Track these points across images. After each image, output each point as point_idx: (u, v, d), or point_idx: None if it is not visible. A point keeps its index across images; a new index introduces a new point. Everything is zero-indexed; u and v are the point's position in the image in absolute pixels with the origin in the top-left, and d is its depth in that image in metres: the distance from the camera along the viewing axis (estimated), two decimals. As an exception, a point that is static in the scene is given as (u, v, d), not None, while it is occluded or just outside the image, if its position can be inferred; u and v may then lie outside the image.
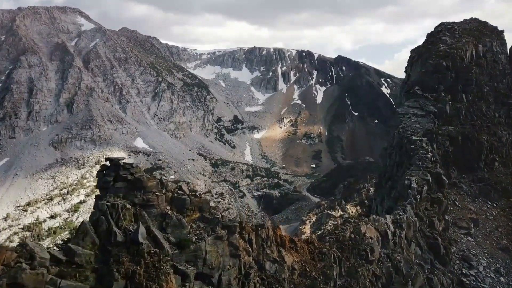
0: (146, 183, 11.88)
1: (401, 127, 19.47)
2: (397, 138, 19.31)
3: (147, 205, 11.66)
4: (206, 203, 13.31)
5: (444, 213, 19.77)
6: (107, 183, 11.72)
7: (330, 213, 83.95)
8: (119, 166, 12.00)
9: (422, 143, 18.03)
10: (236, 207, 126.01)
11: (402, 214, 13.93)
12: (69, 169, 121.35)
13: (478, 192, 25.42)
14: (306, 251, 13.86)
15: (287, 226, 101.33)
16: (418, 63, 27.01)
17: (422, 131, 19.71)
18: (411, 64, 28.55)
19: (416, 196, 15.17)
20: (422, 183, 15.98)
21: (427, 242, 17.28)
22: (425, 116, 21.35)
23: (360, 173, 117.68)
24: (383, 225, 13.34)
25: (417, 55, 27.89)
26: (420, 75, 24.41)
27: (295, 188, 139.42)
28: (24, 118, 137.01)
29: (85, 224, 10.11)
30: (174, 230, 11.61)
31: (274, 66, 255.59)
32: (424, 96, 22.77)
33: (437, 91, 23.31)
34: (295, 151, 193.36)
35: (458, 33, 29.16)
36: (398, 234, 15.02)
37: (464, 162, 25.49)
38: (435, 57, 24.43)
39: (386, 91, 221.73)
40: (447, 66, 23.43)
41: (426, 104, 22.10)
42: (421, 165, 16.90)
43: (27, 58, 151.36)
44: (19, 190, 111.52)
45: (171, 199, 12.78)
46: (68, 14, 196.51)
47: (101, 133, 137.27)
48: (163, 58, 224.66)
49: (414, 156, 16.99)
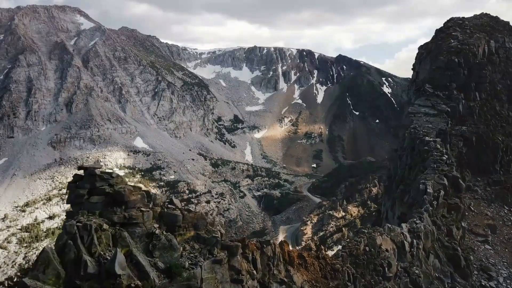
0: (128, 197, 9.62)
1: (412, 127, 18.14)
2: (408, 139, 18.04)
3: (129, 224, 9.53)
4: (202, 219, 11.38)
5: (461, 220, 18.40)
6: (80, 197, 9.56)
7: (331, 214, 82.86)
8: (95, 176, 9.79)
9: (436, 144, 16.68)
10: (237, 207, 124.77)
11: (419, 223, 12.55)
12: (68, 169, 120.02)
13: (494, 196, 23.99)
14: (316, 268, 12.39)
15: (288, 227, 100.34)
16: (427, 60, 25.64)
17: (435, 131, 18.37)
18: (420, 61, 27.20)
19: (433, 202, 13.77)
20: (438, 187, 14.59)
21: (446, 253, 15.84)
22: (437, 116, 20.01)
23: (362, 173, 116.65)
24: (399, 235, 11.84)
25: (426, 52, 26.55)
26: (430, 72, 23.10)
27: (295, 188, 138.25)
28: (22, 118, 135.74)
29: (46, 252, 7.84)
30: (163, 254, 9.46)
31: (275, 65, 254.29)
32: (435, 94, 21.41)
33: (449, 89, 21.98)
34: (296, 150, 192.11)
35: (469, 29, 27.75)
36: (416, 245, 13.62)
37: (478, 164, 24.10)
38: (446, 53, 23.04)
39: (387, 90, 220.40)
40: (459, 63, 22.07)
41: (438, 102, 20.73)
42: (436, 168, 15.48)
43: (26, 57, 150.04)
44: (17, 190, 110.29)
45: (159, 215, 10.49)
46: (67, 13, 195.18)
47: (101, 132, 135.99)
48: (163, 57, 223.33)
49: (428, 158, 15.65)
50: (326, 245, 59.10)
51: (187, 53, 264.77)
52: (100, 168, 10.43)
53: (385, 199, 20.38)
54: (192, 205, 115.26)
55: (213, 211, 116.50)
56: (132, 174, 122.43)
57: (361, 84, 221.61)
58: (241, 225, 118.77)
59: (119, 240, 8.94)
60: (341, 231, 62.27)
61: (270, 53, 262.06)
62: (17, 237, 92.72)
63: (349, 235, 57.05)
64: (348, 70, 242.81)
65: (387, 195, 20.53)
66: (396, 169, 20.01)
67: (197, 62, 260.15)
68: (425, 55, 26.45)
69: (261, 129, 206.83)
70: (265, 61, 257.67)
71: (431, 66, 24.21)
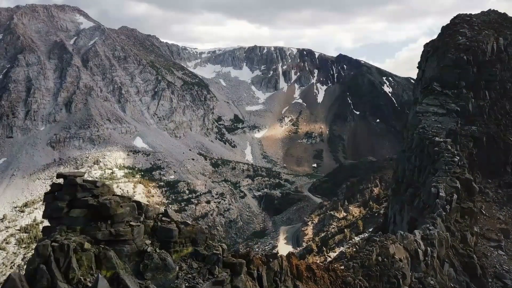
0: (115, 209, 8.08)
1: (421, 127, 17.28)
2: (417, 140, 17.18)
3: (116, 241, 8.01)
4: (201, 233, 9.82)
5: (474, 225, 17.56)
6: (59, 210, 8.07)
7: (332, 214, 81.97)
8: (76, 186, 8.39)
9: (447, 145, 15.82)
10: (237, 207, 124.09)
11: (432, 229, 11.72)
12: (67, 169, 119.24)
13: (506, 199, 23.10)
14: (327, 281, 11.50)
15: (288, 227, 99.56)
16: (434, 58, 24.77)
17: (445, 131, 17.51)
18: (426, 59, 26.33)
19: (446, 207, 12.92)
20: (450, 191, 13.75)
21: (461, 261, 14.92)
22: (447, 115, 19.18)
23: (363, 173, 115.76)
24: (412, 243, 10.94)
25: (433, 49, 25.69)
26: (438, 70, 22.26)
27: (296, 188, 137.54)
28: (22, 118, 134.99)
29: (13, 280, 6.30)
30: (156, 275, 8.02)
31: (275, 64, 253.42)
32: (444, 93, 20.58)
33: (457, 87, 21.14)
34: (296, 150, 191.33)
35: (477, 25, 26.88)
36: (430, 253, 12.71)
37: (489, 165, 23.31)
38: (454, 50, 22.20)
39: (388, 90, 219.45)
40: (468, 60, 21.23)
41: (446, 101, 19.91)
42: (447, 170, 14.59)
43: (25, 56, 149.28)
44: (16, 191, 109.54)
45: (152, 229, 9.02)
46: (66, 12, 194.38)
47: (100, 132, 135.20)
48: (163, 57, 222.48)
49: (439, 160, 14.78)
50: (327, 246, 58.30)
51: (187, 52, 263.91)
52: (83, 175, 9.02)
53: (392, 202, 19.53)
54: (192, 205, 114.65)
55: (213, 211, 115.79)
56: (132, 174, 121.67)
57: (361, 84, 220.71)
58: (241, 226, 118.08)
59: (104, 261, 7.54)
60: (343, 232, 61.42)
61: (270, 52, 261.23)
62: (16, 238, 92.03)
63: (352, 236, 56.20)
64: (348, 70, 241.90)
65: (395, 199, 19.70)
66: (403, 171, 19.18)
67: (197, 61, 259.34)
68: (431, 53, 25.60)
69: (261, 129, 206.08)
70: (265, 60, 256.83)
71: (438, 64, 23.34)
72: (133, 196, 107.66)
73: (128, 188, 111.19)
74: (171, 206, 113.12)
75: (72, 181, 8.75)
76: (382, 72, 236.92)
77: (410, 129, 21.12)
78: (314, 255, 54.96)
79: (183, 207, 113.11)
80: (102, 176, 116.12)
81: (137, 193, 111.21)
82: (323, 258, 51.33)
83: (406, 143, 20.36)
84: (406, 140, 25.77)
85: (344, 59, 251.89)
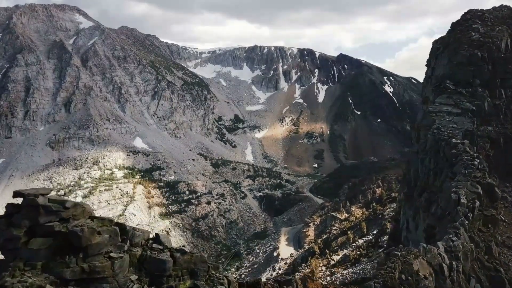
0: (89, 238, 6.02)
1: (435, 128, 16.21)
2: (431, 141, 16.11)
3: (91, 280, 5.96)
4: (202, 262, 7.67)
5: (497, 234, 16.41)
6: (15, 240, 5.89)
7: (334, 215, 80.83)
8: (38, 208, 6.09)
9: (465, 146, 14.74)
10: (238, 208, 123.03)
11: (456, 240, 10.56)
12: (66, 169, 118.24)
13: (525, 204, 22.14)
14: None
15: (290, 228, 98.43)
16: (444, 55, 23.67)
17: (461, 132, 16.45)
18: (436, 56, 25.23)
19: (468, 215, 11.81)
20: (471, 197, 12.62)
21: (487, 276, 13.62)
22: (462, 115, 18.12)
23: (364, 173, 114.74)
24: (436, 257, 9.70)
25: (443, 46, 24.60)
26: (450, 68, 21.17)
27: (297, 189, 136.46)
28: (20, 118, 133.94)
29: None
30: None
31: (275, 64, 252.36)
32: (457, 91, 19.50)
33: (472, 85, 20.07)
34: (297, 150, 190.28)
35: (490, 21, 25.81)
36: (455, 267, 11.46)
37: (507, 167, 22.22)
38: (467, 47, 21.14)
39: (389, 89, 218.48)
40: (482, 57, 20.16)
41: (461, 100, 18.84)
42: (467, 174, 13.45)
43: (24, 56, 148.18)
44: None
45: (140, 260, 6.90)
46: (66, 12, 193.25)
47: (100, 132, 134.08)
48: (163, 57, 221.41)
49: (457, 163, 13.69)
50: (330, 248, 57.21)
51: (187, 52, 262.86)
52: (48, 193, 6.72)
53: (405, 208, 18.45)
54: (193, 206, 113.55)
55: (214, 212, 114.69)
56: (132, 174, 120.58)
57: (362, 83, 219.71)
58: (242, 227, 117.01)
59: (72, 311, 5.48)
60: (346, 234, 60.30)
61: (271, 52, 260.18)
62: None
63: (355, 238, 55.08)
64: (349, 69, 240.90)
65: (408, 204, 18.60)
66: (416, 173, 18.09)
67: (197, 61, 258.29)
68: (442, 50, 24.52)
69: (262, 129, 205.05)
70: (265, 60, 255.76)
71: (449, 61, 22.25)
72: (131, 198, 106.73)
73: (127, 189, 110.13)
74: (171, 207, 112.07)
75: (32, 201, 6.18)
76: (383, 72, 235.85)
77: (423, 129, 20.00)
78: (317, 258, 53.86)
79: (183, 208, 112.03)
80: (102, 176, 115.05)
81: (137, 194, 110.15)
82: (326, 261, 50.31)
83: (419, 144, 19.27)
84: (415, 141, 24.66)
85: (345, 59, 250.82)
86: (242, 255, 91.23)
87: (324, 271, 44.95)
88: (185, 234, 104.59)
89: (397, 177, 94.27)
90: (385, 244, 21.53)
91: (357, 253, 46.04)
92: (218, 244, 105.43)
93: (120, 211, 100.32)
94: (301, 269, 53.36)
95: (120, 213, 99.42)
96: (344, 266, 43.06)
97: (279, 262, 68.09)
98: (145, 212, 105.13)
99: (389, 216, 53.11)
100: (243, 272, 79.14)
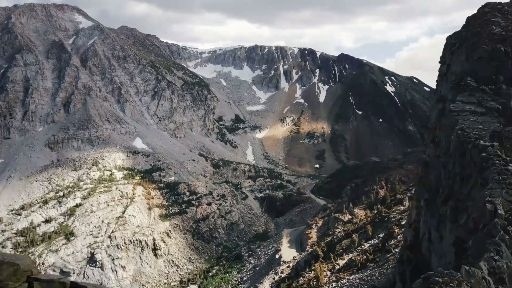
0: None
1: (459, 129, 14.86)
2: (455, 143, 14.77)
3: None
4: None
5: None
6: None
7: (337, 217, 79.46)
8: None
9: (495, 149, 13.30)
10: (238, 209, 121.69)
11: (499, 260, 9.04)
12: (65, 170, 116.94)
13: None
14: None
15: (291, 230, 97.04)
16: (462, 50, 22.26)
17: (488, 133, 14.99)
18: (451, 53, 23.88)
19: (507, 228, 10.32)
20: (509, 207, 11.08)
21: None
22: (486, 114, 16.72)
23: (367, 174, 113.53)
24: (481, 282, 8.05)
25: (459, 42, 23.26)
26: (470, 64, 19.80)
27: (299, 190, 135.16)
28: (19, 118, 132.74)
29: None
30: None
31: (276, 64, 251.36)
32: (480, 89, 18.11)
33: (495, 82, 18.67)
34: (298, 150, 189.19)
35: (511, 14, 24.34)
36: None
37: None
38: (488, 41, 19.79)
39: (391, 89, 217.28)
40: (506, 52, 18.77)
41: (484, 99, 17.46)
42: (501, 181, 11.91)
43: (23, 56, 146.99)
44: (13, 193, 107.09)
45: None
46: (65, 12, 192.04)
47: (99, 133, 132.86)
48: (163, 57, 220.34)
49: (488, 168, 12.22)
50: (335, 252, 55.89)
51: (187, 52, 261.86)
52: None
53: (426, 216, 17.13)
54: (193, 207, 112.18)
55: (215, 213, 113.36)
56: (131, 175, 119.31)
57: (364, 83, 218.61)
58: (243, 228, 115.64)
59: None
60: (350, 237, 58.95)
61: (271, 52, 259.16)
62: (12, 241, 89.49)
63: (361, 242, 53.67)
64: (350, 69, 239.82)
65: (430, 211, 17.25)
66: (438, 179, 16.71)
67: (197, 61, 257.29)
68: (458, 45, 23.16)
69: (262, 129, 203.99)
70: (266, 60, 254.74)
71: (468, 57, 20.91)
72: (130, 199, 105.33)
73: (127, 190, 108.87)
74: (171, 208, 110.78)
75: None
76: (384, 72, 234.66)
77: (442, 130, 18.60)
78: (321, 262, 52.55)
79: (183, 209, 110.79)
80: (101, 177, 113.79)
81: (137, 195, 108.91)
82: (331, 265, 49.02)
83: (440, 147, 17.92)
84: (428, 142, 23.30)
85: (346, 59, 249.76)
86: (244, 257, 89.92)
87: (329, 276, 43.58)
88: (186, 236, 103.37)
89: (401, 178, 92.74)
90: (404, 255, 20.08)
91: (363, 257, 44.75)
92: (219, 246, 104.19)
93: (120, 213, 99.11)
94: (305, 274, 52.01)
95: (120, 215, 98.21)
96: (350, 272, 41.80)
97: (281, 265, 66.78)
98: (145, 214, 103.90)
99: (397, 220, 51.65)
100: (244, 275, 77.79)
